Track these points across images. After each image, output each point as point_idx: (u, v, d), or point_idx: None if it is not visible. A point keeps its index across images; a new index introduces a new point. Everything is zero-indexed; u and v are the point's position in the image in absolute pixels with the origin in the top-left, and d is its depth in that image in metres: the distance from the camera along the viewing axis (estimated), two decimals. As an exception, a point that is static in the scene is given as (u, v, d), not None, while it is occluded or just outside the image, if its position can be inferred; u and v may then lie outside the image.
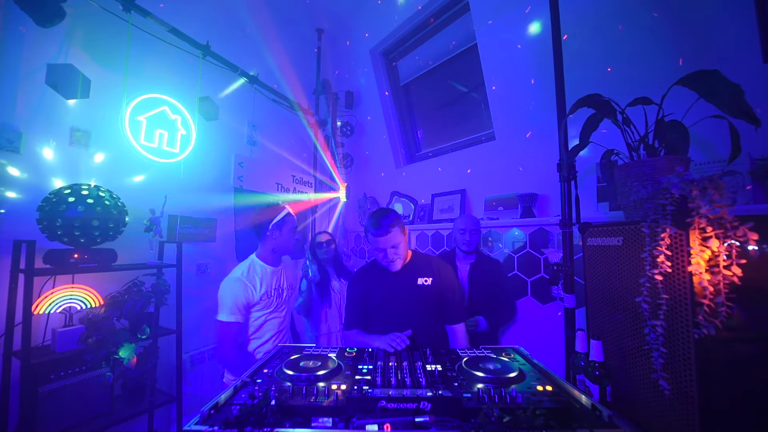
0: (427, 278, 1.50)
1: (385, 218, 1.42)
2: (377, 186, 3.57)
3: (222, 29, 2.68)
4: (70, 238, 1.63)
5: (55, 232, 1.60)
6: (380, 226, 1.39)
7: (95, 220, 1.67)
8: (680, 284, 0.87)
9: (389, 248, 1.42)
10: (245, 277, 1.58)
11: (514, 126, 2.37)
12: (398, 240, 1.43)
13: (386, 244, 1.42)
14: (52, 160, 1.83)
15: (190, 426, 0.71)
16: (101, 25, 1.95)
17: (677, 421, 0.88)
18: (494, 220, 2.38)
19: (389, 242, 1.41)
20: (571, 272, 1.45)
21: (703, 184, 0.84)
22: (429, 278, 1.49)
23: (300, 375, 0.94)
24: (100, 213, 1.68)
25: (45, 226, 1.59)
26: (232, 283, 1.56)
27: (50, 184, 1.79)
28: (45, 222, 1.58)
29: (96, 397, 1.72)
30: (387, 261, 1.45)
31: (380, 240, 1.41)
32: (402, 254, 1.47)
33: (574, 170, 1.44)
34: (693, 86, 1.03)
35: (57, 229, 1.59)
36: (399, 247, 1.44)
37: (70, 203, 1.61)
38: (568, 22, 1.60)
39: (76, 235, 1.63)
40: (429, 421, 0.74)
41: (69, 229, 1.60)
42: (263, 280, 1.62)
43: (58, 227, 1.59)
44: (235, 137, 2.85)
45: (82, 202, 1.63)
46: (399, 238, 1.43)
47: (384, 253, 1.43)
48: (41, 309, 1.64)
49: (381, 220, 1.41)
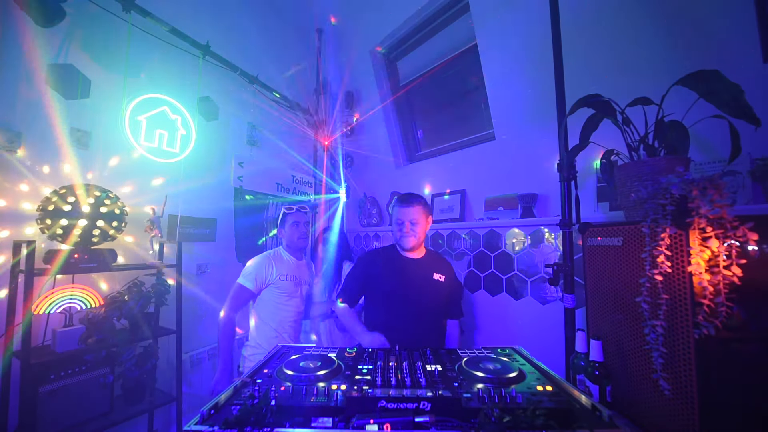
0: (442, 275, 1.55)
1: (414, 195, 1.53)
2: (377, 186, 3.57)
3: (222, 29, 2.68)
4: (70, 238, 1.62)
5: (54, 232, 1.59)
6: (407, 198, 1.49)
7: (95, 220, 1.67)
8: (680, 284, 0.87)
9: (408, 221, 1.48)
10: (271, 256, 1.88)
11: (514, 126, 2.37)
12: (419, 218, 1.49)
13: (407, 216, 1.48)
14: (52, 160, 1.83)
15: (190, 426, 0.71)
16: (101, 25, 1.96)
17: (677, 421, 0.88)
18: (494, 220, 2.38)
19: (411, 215, 1.48)
20: (571, 272, 1.45)
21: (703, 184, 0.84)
22: (443, 276, 1.55)
23: (300, 375, 0.94)
24: (100, 213, 1.69)
25: (45, 226, 1.59)
26: (260, 257, 1.86)
27: (50, 184, 1.79)
28: (45, 222, 1.58)
29: (96, 397, 1.72)
30: (402, 233, 1.50)
31: (403, 210, 1.48)
32: (418, 235, 1.51)
33: (574, 170, 1.44)
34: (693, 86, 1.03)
35: (57, 229, 1.59)
36: (417, 226, 1.49)
37: (70, 203, 1.61)
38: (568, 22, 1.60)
39: (76, 235, 1.63)
40: (429, 421, 0.74)
41: (69, 229, 1.60)
42: (285, 265, 1.89)
43: (58, 227, 1.59)
44: (235, 137, 2.85)
45: (82, 202, 1.63)
46: (421, 217, 1.50)
47: (402, 224, 1.49)
48: (41, 309, 1.64)
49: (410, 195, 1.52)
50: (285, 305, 1.85)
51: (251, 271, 1.80)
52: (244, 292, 1.78)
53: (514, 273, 2.24)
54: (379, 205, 3.51)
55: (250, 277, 1.78)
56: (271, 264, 1.83)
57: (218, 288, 2.55)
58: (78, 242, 1.66)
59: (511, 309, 2.20)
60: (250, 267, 1.81)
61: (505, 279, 2.26)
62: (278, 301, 1.84)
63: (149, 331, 1.95)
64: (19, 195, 1.72)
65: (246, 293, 1.78)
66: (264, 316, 1.84)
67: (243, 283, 1.77)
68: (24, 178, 1.74)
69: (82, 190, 1.67)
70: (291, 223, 1.93)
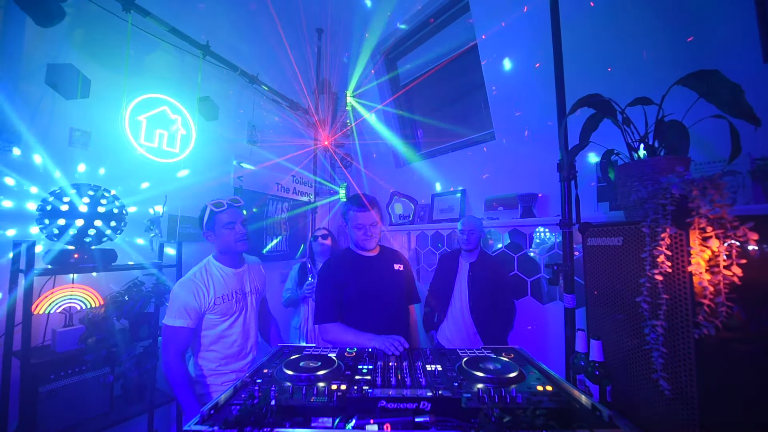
0: (401, 265, 1.63)
1: (366, 198, 1.55)
2: (377, 186, 3.57)
3: (222, 29, 2.67)
4: (70, 238, 1.62)
5: (54, 232, 1.59)
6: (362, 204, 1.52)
7: (94, 220, 1.67)
8: (680, 284, 0.87)
9: (369, 225, 1.52)
10: (197, 277, 1.44)
11: (514, 126, 2.37)
12: (377, 220, 1.55)
13: (367, 221, 1.51)
14: (51, 160, 1.83)
15: (190, 426, 0.71)
16: (101, 25, 1.95)
17: (677, 421, 0.88)
18: (494, 220, 2.38)
19: (370, 219, 1.52)
20: (571, 272, 1.45)
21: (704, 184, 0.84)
22: (401, 265, 1.63)
23: (300, 375, 0.94)
24: (100, 213, 1.69)
25: (45, 226, 1.59)
26: (182, 284, 1.41)
27: (50, 184, 1.79)
28: (45, 222, 1.58)
29: (96, 397, 1.72)
30: (366, 237, 1.54)
31: (362, 215, 1.51)
32: (377, 235, 1.58)
33: (574, 170, 1.44)
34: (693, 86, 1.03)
35: (57, 229, 1.59)
36: (377, 227, 1.55)
37: (70, 203, 1.61)
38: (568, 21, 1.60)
39: (76, 235, 1.63)
40: (429, 421, 0.74)
41: (68, 228, 1.60)
42: (219, 283, 1.47)
43: (58, 227, 1.59)
44: (235, 137, 2.85)
45: (81, 203, 1.63)
46: (377, 219, 1.56)
47: (364, 229, 1.52)
48: (41, 309, 1.64)
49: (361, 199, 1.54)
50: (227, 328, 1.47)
51: (177, 305, 1.36)
52: (179, 334, 1.35)
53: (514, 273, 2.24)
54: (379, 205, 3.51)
55: (180, 312, 1.35)
56: (199, 290, 1.40)
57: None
58: (78, 242, 1.66)
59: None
60: (174, 300, 1.38)
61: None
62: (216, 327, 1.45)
63: (149, 331, 1.95)
64: (19, 195, 1.72)
65: (182, 333, 1.35)
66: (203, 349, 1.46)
67: (169, 323, 1.34)
68: (23, 178, 1.74)
69: (82, 190, 1.67)
70: (224, 224, 1.49)
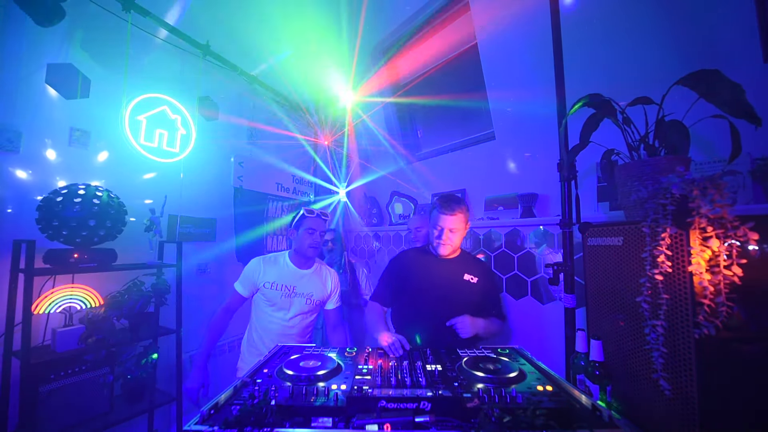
0: (474, 277, 1.51)
1: (457, 201, 1.46)
2: (377, 186, 3.57)
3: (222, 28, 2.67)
4: (70, 237, 1.63)
5: (54, 232, 1.59)
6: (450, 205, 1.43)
7: (94, 220, 1.66)
8: (680, 284, 0.87)
9: (447, 229, 1.44)
10: (266, 260, 1.75)
11: (514, 126, 2.37)
12: (459, 226, 1.45)
13: (447, 224, 1.43)
14: (51, 160, 1.82)
15: (190, 426, 0.71)
16: (101, 25, 1.95)
17: (677, 421, 0.88)
18: (494, 220, 2.38)
19: (451, 223, 1.43)
20: (571, 272, 1.45)
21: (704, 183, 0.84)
22: (476, 277, 1.51)
23: (300, 375, 0.94)
24: (100, 213, 1.68)
25: (44, 225, 1.59)
26: (255, 260, 1.74)
27: (50, 184, 1.79)
28: (44, 222, 1.58)
29: (96, 397, 1.72)
30: (439, 241, 1.46)
31: (445, 218, 1.43)
32: (454, 243, 1.48)
33: (574, 170, 1.44)
34: (693, 86, 1.03)
35: (56, 228, 1.59)
36: (455, 234, 1.46)
37: (70, 203, 1.61)
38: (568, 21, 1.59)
39: (76, 235, 1.63)
40: (429, 421, 0.74)
41: (68, 228, 1.60)
42: (277, 272, 1.71)
43: (58, 227, 1.58)
44: (235, 137, 2.85)
45: (81, 202, 1.63)
46: (461, 224, 1.46)
47: (441, 231, 1.45)
48: (41, 309, 1.63)
49: (452, 200, 1.46)
50: (270, 315, 1.70)
51: (243, 274, 1.72)
52: (234, 297, 1.71)
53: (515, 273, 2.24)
54: (379, 205, 3.51)
55: (242, 279, 1.71)
56: (260, 268, 1.70)
57: (218, 288, 2.55)
58: (78, 242, 1.65)
59: (511, 308, 2.20)
60: (245, 270, 1.73)
61: (505, 279, 2.26)
62: (263, 310, 1.71)
63: (149, 331, 1.95)
64: (18, 195, 1.72)
65: (236, 297, 1.71)
66: (252, 323, 1.77)
67: (235, 287, 1.71)
68: (23, 177, 1.74)
69: (82, 190, 1.66)
70: (307, 228, 1.70)
